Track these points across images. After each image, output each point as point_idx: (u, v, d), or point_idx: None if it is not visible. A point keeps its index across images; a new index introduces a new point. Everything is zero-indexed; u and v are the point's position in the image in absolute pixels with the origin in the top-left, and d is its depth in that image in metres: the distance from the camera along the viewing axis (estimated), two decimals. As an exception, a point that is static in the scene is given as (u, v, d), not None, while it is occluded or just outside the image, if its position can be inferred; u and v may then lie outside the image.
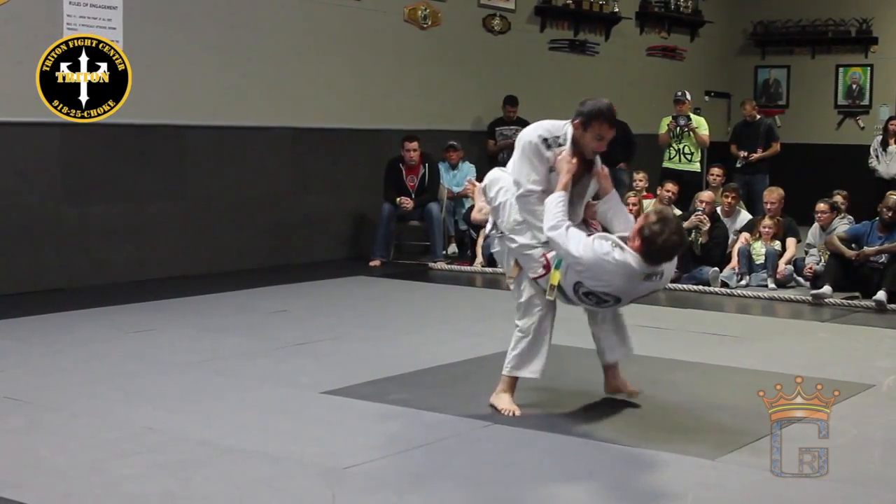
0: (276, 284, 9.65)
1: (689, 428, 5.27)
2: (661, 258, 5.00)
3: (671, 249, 4.99)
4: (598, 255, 4.94)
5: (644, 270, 4.98)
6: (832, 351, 7.31)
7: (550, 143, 5.25)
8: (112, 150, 9.56)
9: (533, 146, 5.25)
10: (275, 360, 6.66)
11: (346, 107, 11.63)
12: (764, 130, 13.38)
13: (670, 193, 11.12)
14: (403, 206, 11.24)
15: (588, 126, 5.19)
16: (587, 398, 5.69)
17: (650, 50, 16.03)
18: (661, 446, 4.91)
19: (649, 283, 5.05)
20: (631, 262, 4.95)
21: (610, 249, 4.98)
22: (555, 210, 5.09)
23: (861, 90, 16.73)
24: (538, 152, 5.25)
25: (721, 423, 5.35)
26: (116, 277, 9.55)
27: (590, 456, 4.82)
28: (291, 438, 4.97)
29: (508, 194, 5.38)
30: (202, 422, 5.24)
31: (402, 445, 4.88)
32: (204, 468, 4.53)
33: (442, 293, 9.66)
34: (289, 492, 4.27)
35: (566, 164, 5.21)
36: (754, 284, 9.94)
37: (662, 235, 4.91)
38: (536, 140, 5.25)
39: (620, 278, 4.97)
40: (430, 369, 6.46)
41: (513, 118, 12.93)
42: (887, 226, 9.39)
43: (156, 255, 9.95)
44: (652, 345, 6.90)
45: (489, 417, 5.34)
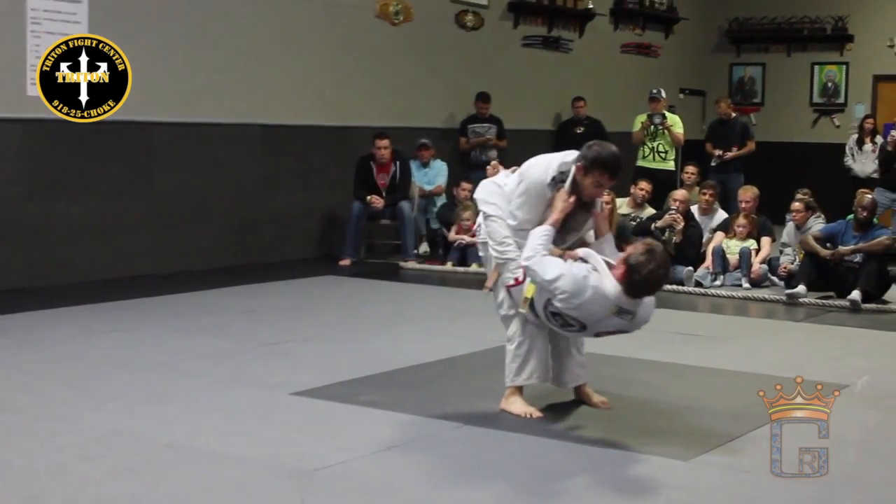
0: (244, 284, 9.63)
1: (663, 429, 5.30)
2: (642, 290, 4.98)
3: (654, 283, 4.98)
4: (576, 277, 4.95)
5: (618, 302, 4.97)
6: (806, 351, 7.36)
7: (557, 180, 5.26)
8: (77, 147, 9.51)
9: (541, 189, 5.26)
10: (243, 360, 6.64)
11: (317, 103, 11.61)
12: (739, 128, 13.45)
13: (644, 192, 11.16)
14: (374, 204, 11.23)
15: (589, 172, 5.20)
16: (560, 399, 5.71)
17: (624, 47, 16.09)
18: (634, 447, 4.93)
19: (618, 320, 5.03)
20: (607, 289, 4.96)
21: (587, 273, 4.99)
22: (535, 243, 5.11)
23: (836, 88, 16.85)
24: (544, 193, 5.27)
25: (695, 424, 5.38)
26: (81, 277, 9.50)
27: (563, 457, 4.84)
28: (260, 440, 4.97)
29: (499, 212, 5.43)
30: (169, 424, 5.22)
31: (373, 447, 4.89)
32: (171, 471, 4.52)
33: (413, 293, 9.67)
34: (257, 495, 4.27)
35: (561, 202, 5.22)
36: (728, 284, 9.99)
37: (648, 266, 4.90)
38: (547, 182, 5.25)
39: (592, 304, 4.97)
40: (402, 370, 6.46)
41: (485, 115, 12.95)
42: (862, 225, 9.46)
43: (122, 254, 9.91)
44: (625, 345, 6.92)
45: (461, 418, 5.35)
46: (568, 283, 4.95)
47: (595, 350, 6.12)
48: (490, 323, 7.21)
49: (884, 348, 7.54)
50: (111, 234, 9.84)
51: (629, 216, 10.93)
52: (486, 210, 5.52)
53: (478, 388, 5.95)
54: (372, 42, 12.20)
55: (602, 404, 5.63)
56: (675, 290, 9.71)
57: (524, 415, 5.42)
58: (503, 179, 5.57)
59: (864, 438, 5.15)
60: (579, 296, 4.94)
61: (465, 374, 6.42)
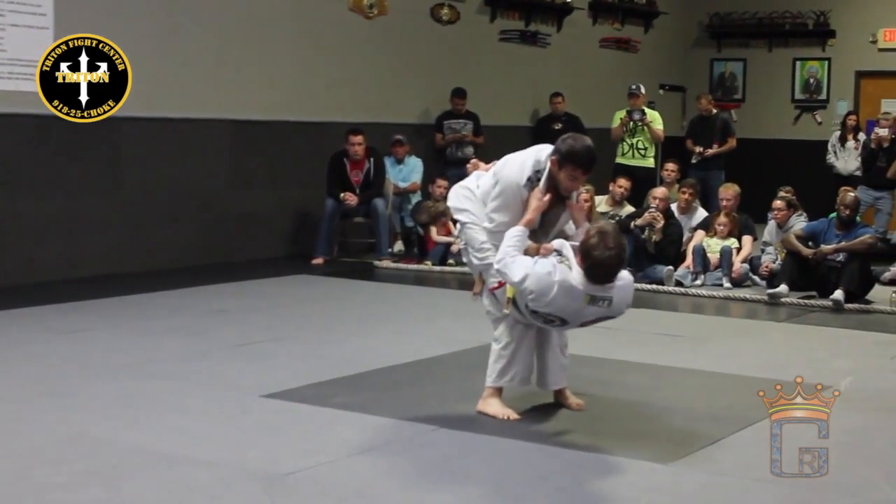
0: (214, 283, 9.60)
1: (642, 431, 5.31)
2: (599, 274, 4.98)
3: (608, 266, 4.98)
4: (540, 275, 4.97)
5: (588, 290, 4.99)
6: (788, 352, 7.39)
7: (533, 179, 5.27)
8: (41, 143, 9.46)
9: (516, 190, 5.27)
10: (213, 362, 6.62)
11: (289, 98, 11.59)
12: (720, 125, 13.50)
13: (623, 189, 11.18)
14: (347, 201, 11.21)
15: (563, 166, 5.21)
16: (536, 401, 5.72)
17: (603, 41, 16.11)
18: (613, 450, 4.94)
19: (595, 307, 5.04)
20: (573, 280, 4.98)
21: (551, 269, 5.00)
22: (506, 245, 5.13)
23: (818, 84, 16.93)
24: (519, 195, 5.28)
25: (675, 427, 5.39)
26: (46, 276, 9.44)
27: (540, 460, 4.84)
28: (230, 443, 4.95)
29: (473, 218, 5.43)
30: (136, 427, 5.20)
31: (346, 450, 4.88)
32: (137, 475, 4.50)
33: (387, 292, 9.66)
34: (226, 499, 4.25)
35: (536, 200, 5.24)
36: (709, 283, 10.02)
37: (597, 250, 4.92)
38: (522, 183, 5.25)
39: (562, 298, 4.98)
40: (375, 371, 6.45)
41: (461, 111, 12.94)
42: (845, 224, 9.51)
43: (88, 253, 9.86)
44: (604, 346, 6.95)
45: (437, 421, 5.35)
46: (533, 283, 4.98)
47: (573, 351, 6.12)
48: (466, 323, 7.22)
49: (867, 349, 7.57)
50: (77, 231, 9.79)
51: (608, 214, 10.94)
52: (460, 218, 5.55)
53: (454, 390, 5.95)
54: (345, 36, 12.18)
55: (578, 406, 5.65)
56: (654, 289, 9.74)
57: (502, 416, 5.43)
58: (474, 182, 5.58)
59: (847, 441, 5.17)
60: (546, 293, 4.97)
61: (440, 375, 6.41)
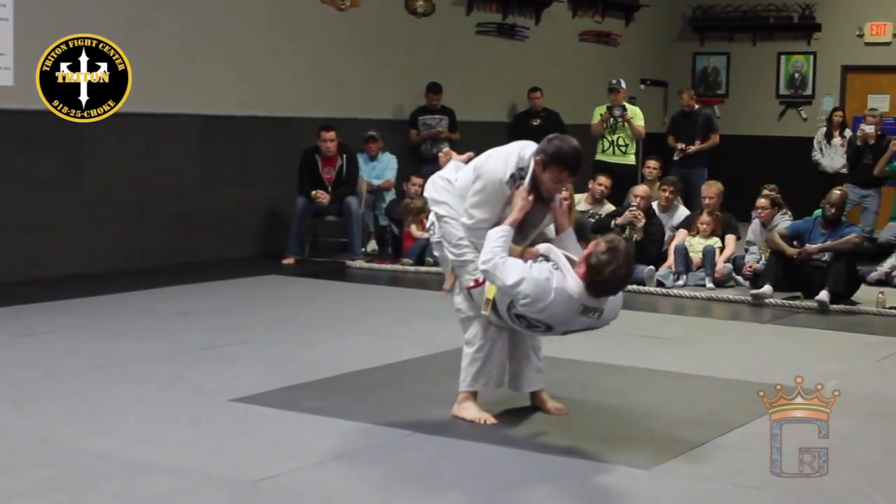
0: (181, 284, 9.57)
1: (623, 436, 5.32)
2: (605, 290, 5.00)
3: (617, 283, 5.00)
4: (538, 280, 4.95)
5: (583, 301, 4.99)
6: (772, 354, 7.42)
7: (516, 177, 5.25)
8: (1, 138, 9.41)
9: (499, 186, 5.24)
10: (180, 365, 6.60)
11: (258, 93, 11.56)
12: (702, 121, 13.53)
13: (602, 187, 11.20)
14: (319, 199, 11.20)
15: (548, 167, 5.19)
16: (513, 404, 5.72)
17: (583, 35, 16.14)
18: (593, 455, 4.95)
19: (585, 318, 5.05)
20: (571, 288, 4.97)
21: (548, 275, 5.00)
22: (493, 245, 5.09)
23: (804, 79, 17.00)
24: (502, 192, 5.26)
25: (656, 431, 5.41)
26: (6, 276, 9.39)
27: (518, 466, 4.84)
28: (197, 449, 4.94)
29: (451, 212, 5.41)
30: (100, 433, 5.18)
31: (318, 457, 4.87)
32: (102, 483, 4.48)
33: (361, 293, 9.65)
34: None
35: (520, 200, 5.22)
36: (691, 284, 10.05)
37: (609, 267, 4.92)
38: (505, 180, 5.23)
39: (557, 305, 4.98)
40: (348, 375, 6.44)
41: (436, 106, 12.95)
42: (830, 222, 9.54)
43: (50, 253, 9.81)
44: (583, 348, 6.95)
45: (411, 426, 5.35)
46: (530, 287, 4.95)
47: (551, 353, 6.14)
48: (442, 325, 7.21)
49: (853, 351, 7.61)
50: (38, 230, 9.74)
51: (587, 213, 10.97)
52: (438, 210, 5.50)
53: (429, 394, 5.95)
54: (317, 28, 12.16)
55: (556, 411, 5.64)
56: (635, 290, 9.74)
57: (478, 421, 5.42)
58: (453, 174, 5.55)
59: (832, 446, 5.18)
60: (542, 299, 4.95)
61: (415, 379, 6.41)
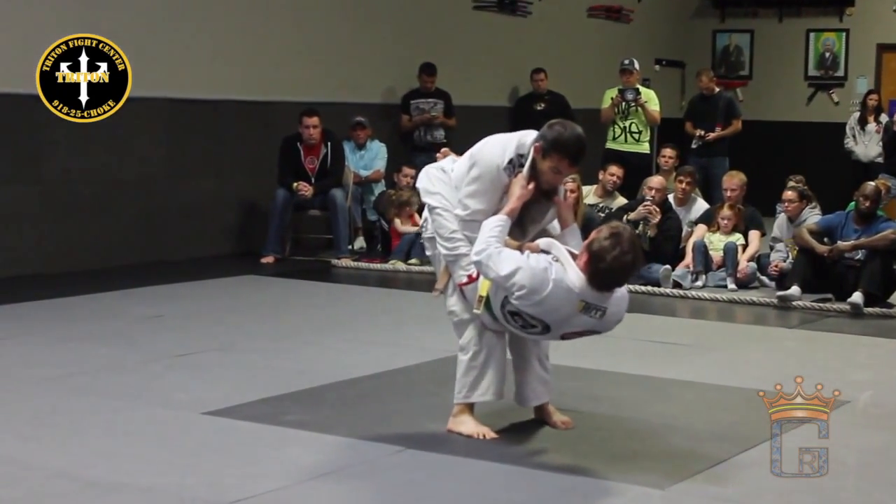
0: (149, 285, 9.57)
1: (635, 452, 5.32)
2: (609, 281, 5.00)
3: (622, 272, 5.00)
4: (535, 270, 4.96)
5: (584, 296, 4.99)
6: (800, 362, 7.42)
7: (515, 164, 5.26)
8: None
9: (496, 174, 5.25)
10: (148, 375, 6.60)
11: (234, 75, 11.55)
12: (723, 105, 13.54)
13: (614, 178, 11.21)
14: (301, 192, 11.20)
15: (547, 155, 5.19)
16: (516, 418, 5.72)
17: (592, 10, 16.15)
18: (603, 474, 4.95)
19: (586, 317, 5.05)
20: (571, 281, 4.97)
21: (547, 265, 5.00)
22: (487, 235, 5.10)
23: (835, 59, 17.01)
24: (499, 180, 5.27)
25: (672, 447, 5.41)
26: (-44, 277, 9.42)
27: (518, 486, 4.85)
28: (166, 468, 4.93)
29: (445, 203, 5.41)
30: (60, 449, 5.18)
31: (300, 475, 4.87)
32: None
33: (347, 295, 9.66)
34: (164, 531, 4.25)
35: (519, 188, 5.23)
36: (711, 284, 10.06)
37: (612, 252, 4.92)
38: (503, 166, 5.24)
39: (555, 299, 4.98)
40: (333, 385, 6.45)
41: (430, 89, 12.94)
42: (864, 217, 9.54)
43: (3, 251, 9.81)
44: (593, 355, 6.96)
45: (403, 441, 5.35)
46: (525, 278, 4.96)
47: (558, 361, 6.13)
48: (437, 330, 7.21)
49: (889, 358, 7.63)
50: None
51: (597, 206, 10.98)
52: (431, 202, 5.49)
53: (422, 406, 5.95)
54: (299, 3, 12.16)
55: (564, 424, 5.64)
56: (650, 291, 9.76)
57: (476, 435, 5.42)
58: (449, 164, 5.56)
59: (866, 462, 5.20)
60: (539, 291, 4.95)
61: (407, 389, 6.41)
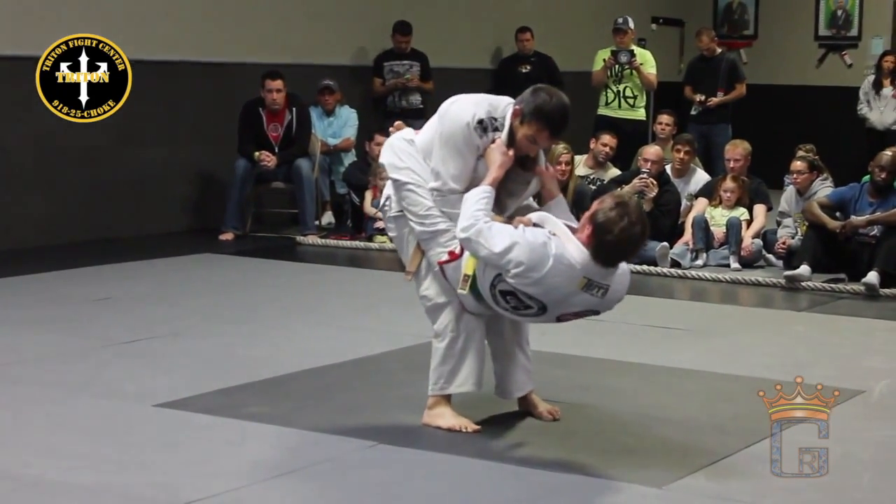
0: (95, 265, 9.56)
1: (630, 447, 5.33)
2: (615, 255, 5.00)
3: (630, 245, 5.01)
4: (533, 245, 4.95)
5: (586, 272, 4.98)
6: (810, 348, 7.44)
7: (487, 125, 5.24)
8: None
9: (465, 133, 5.23)
10: (93, 363, 6.59)
11: (188, 33, 11.52)
12: (726, 68, 13.54)
13: (607, 148, 11.21)
14: (264, 162, 11.18)
15: (526, 121, 5.19)
16: (498, 409, 5.72)
17: (583, -37, 16.15)
18: (593, 471, 4.96)
19: (587, 296, 5.04)
20: (572, 256, 4.96)
21: (545, 239, 4.99)
22: (473, 208, 5.09)
23: (848, 18, 17.02)
24: (470, 140, 5.24)
25: (670, 441, 5.42)
26: None
27: (501, 483, 4.85)
28: (115, 466, 4.92)
29: (415, 178, 5.37)
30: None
31: (263, 473, 4.87)
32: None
33: (314, 275, 9.67)
34: (111, 535, 4.24)
35: (499, 155, 5.21)
36: (713, 263, 10.08)
37: (620, 223, 4.92)
38: (472, 124, 5.22)
39: (555, 275, 4.97)
40: (299, 374, 6.45)
41: (405, 50, 12.93)
42: (880, 190, 9.55)
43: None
44: (585, 341, 6.96)
45: (375, 435, 5.35)
46: (523, 254, 4.94)
47: (544, 346, 6.14)
48: (412, 314, 7.20)
49: (907, 344, 7.66)
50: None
51: (588, 178, 10.97)
52: (399, 177, 5.43)
53: (396, 397, 5.96)
54: (260, -46, 12.14)
55: (550, 413, 5.64)
56: (646, 271, 9.76)
57: (456, 428, 5.41)
58: (413, 134, 5.52)
59: (882, 458, 5.22)
60: (538, 268, 4.94)
61: (379, 378, 6.41)
